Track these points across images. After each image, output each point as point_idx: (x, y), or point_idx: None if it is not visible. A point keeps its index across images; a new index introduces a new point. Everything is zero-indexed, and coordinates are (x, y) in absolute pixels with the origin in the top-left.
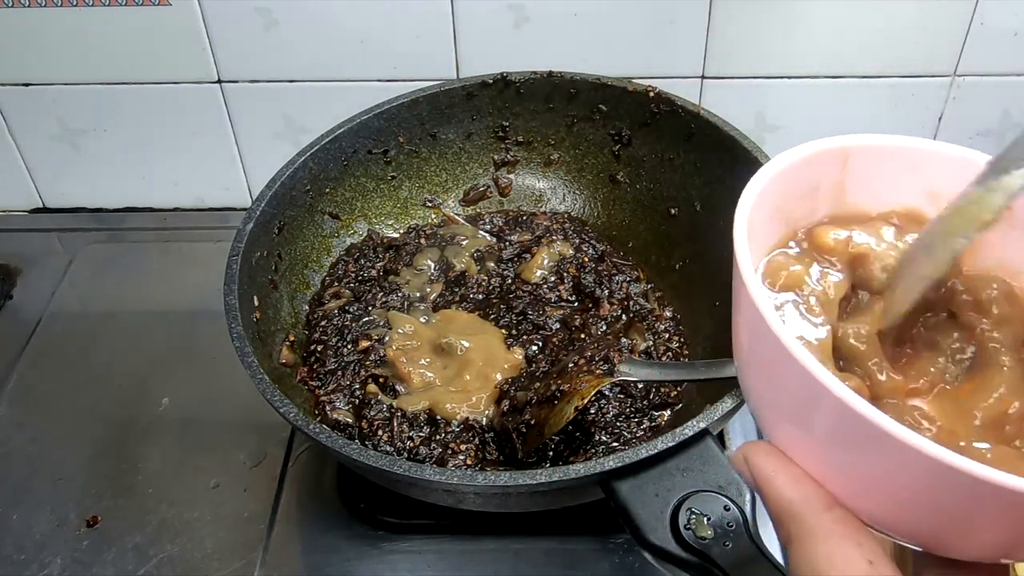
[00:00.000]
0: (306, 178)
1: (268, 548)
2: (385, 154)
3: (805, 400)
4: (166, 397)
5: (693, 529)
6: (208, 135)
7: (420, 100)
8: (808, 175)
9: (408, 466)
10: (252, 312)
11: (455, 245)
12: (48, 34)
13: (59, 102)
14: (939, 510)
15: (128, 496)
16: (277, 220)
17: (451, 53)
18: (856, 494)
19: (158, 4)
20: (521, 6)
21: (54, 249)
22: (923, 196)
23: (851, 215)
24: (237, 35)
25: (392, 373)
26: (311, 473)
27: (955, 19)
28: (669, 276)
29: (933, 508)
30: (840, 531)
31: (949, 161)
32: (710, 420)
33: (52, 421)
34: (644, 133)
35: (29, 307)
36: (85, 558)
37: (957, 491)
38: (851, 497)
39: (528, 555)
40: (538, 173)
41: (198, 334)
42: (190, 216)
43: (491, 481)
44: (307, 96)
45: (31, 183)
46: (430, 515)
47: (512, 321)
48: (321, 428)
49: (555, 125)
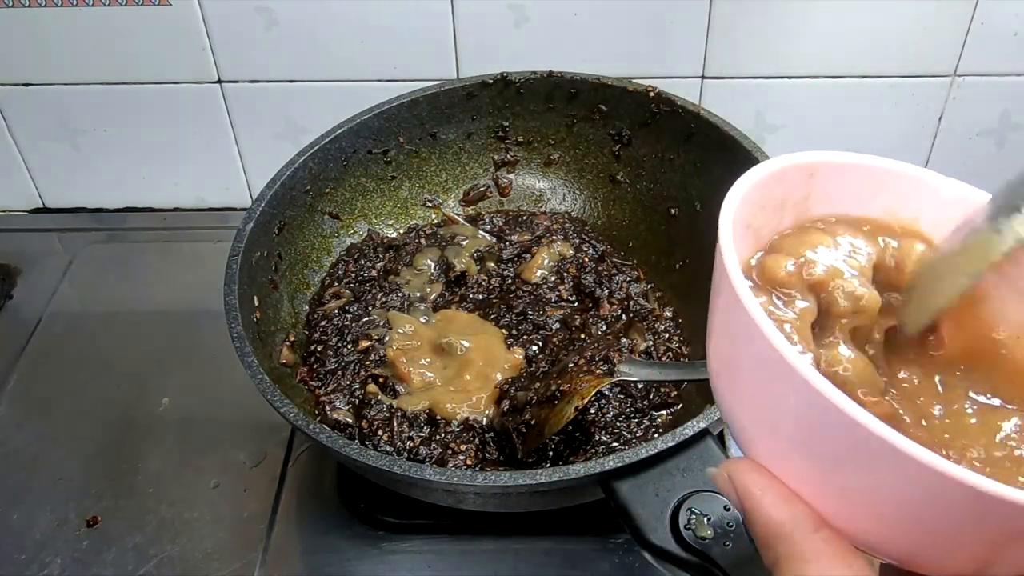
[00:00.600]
0: (306, 178)
1: (268, 548)
2: (385, 154)
3: (806, 417)
4: (166, 397)
5: (693, 529)
6: (208, 135)
7: (420, 100)
8: (776, 190)
9: (408, 466)
10: (252, 312)
11: (455, 245)
12: (48, 34)
13: (59, 102)
14: (938, 527)
15: (128, 496)
16: (277, 220)
17: (451, 53)
18: (849, 514)
19: (158, 4)
20: (521, 6)
21: (54, 249)
22: (884, 214)
23: (807, 230)
24: (237, 35)
25: (392, 373)
26: (311, 473)
27: (955, 19)
28: (669, 276)
29: (932, 525)
30: (830, 552)
31: (911, 181)
32: (710, 420)
33: (52, 421)
34: (644, 133)
35: (29, 307)
36: (85, 558)
37: (968, 508)
38: (842, 516)
39: (528, 555)
40: (538, 173)
41: (198, 334)
42: (190, 216)
43: (491, 481)
44: (307, 96)
45: (31, 183)
46: (430, 515)
47: (512, 321)
48: (321, 428)
49: (555, 125)
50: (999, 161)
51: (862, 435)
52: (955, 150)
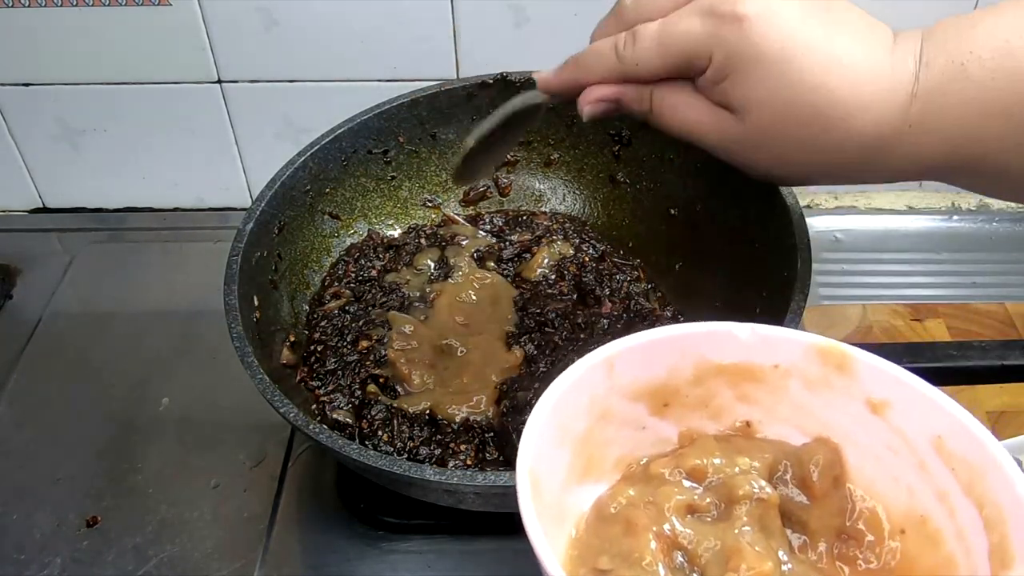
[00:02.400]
0: (306, 178)
1: (268, 548)
2: (385, 154)
3: None
4: (166, 397)
5: None
6: (208, 135)
7: (420, 100)
8: (581, 398)
9: (408, 466)
10: (252, 312)
11: (455, 245)
12: (48, 34)
13: (59, 102)
14: None
15: (128, 496)
16: (277, 220)
17: (451, 53)
18: None
19: (158, 4)
20: (521, 6)
21: (54, 249)
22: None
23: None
24: (237, 35)
25: (392, 373)
26: (311, 473)
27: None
28: (669, 276)
29: None
30: None
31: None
32: None
33: (52, 421)
34: (644, 133)
35: (29, 307)
36: (85, 558)
37: None
38: None
39: (528, 555)
40: (538, 173)
41: (198, 334)
42: (190, 216)
43: (491, 481)
44: (307, 96)
45: (31, 183)
46: (430, 515)
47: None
48: (321, 428)
49: (555, 125)
50: None
51: None
52: None
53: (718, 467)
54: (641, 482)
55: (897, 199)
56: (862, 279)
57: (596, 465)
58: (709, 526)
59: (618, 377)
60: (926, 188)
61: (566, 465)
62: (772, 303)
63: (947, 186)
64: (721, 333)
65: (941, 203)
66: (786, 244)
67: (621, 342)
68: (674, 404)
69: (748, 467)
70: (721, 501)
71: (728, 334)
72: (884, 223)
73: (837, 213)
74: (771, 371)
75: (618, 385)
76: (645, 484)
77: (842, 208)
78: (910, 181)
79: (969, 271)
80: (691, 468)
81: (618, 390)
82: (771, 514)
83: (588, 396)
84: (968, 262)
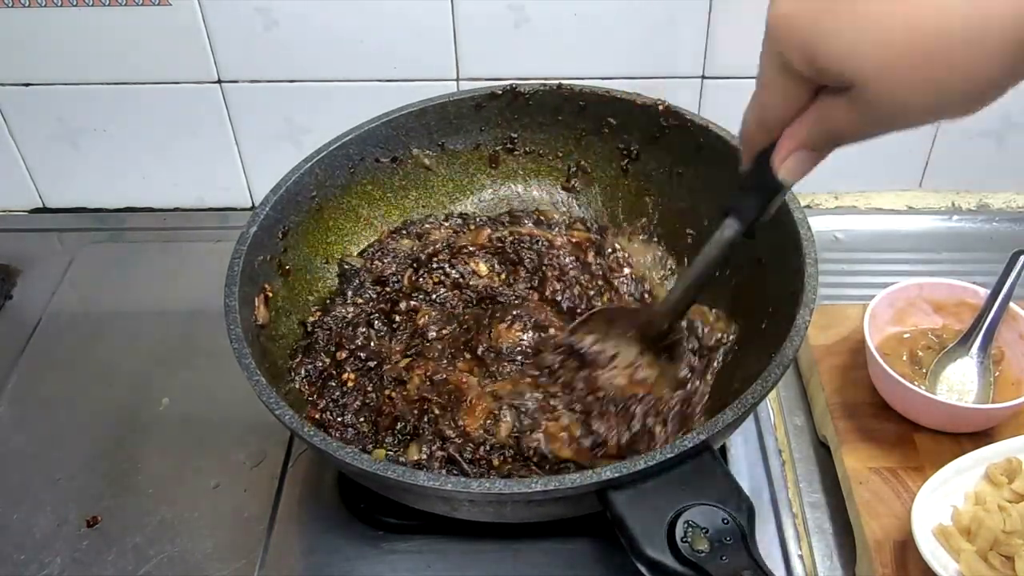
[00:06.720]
0: (312, 184)
1: (268, 548)
2: (392, 163)
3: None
4: (166, 397)
5: (690, 542)
6: (208, 135)
7: (428, 110)
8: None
9: (402, 471)
10: (252, 315)
11: (462, 253)
12: (48, 34)
13: (59, 102)
14: None
15: (128, 496)
16: (281, 225)
17: (451, 53)
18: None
19: (158, 4)
20: (521, 6)
21: (54, 249)
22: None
23: None
24: (237, 35)
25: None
26: (311, 473)
27: None
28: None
29: None
30: None
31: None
32: (710, 432)
33: (52, 421)
34: (653, 148)
35: (29, 307)
36: (85, 558)
37: None
38: None
39: (528, 555)
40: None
41: (198, 334)
42: (190, 216)
43: (485, 489)
44: (307, 96)
45: (31, 183)
46: (430, 515)
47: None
48: (315, 432)
49: (563, 138)
50: (999, 161)
51: None
52: (955, 150)
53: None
54: None
55: (897, 199)
56: (862, 279)
57: None
58: None
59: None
60: (926, 188)
61: None
62: (778, 318)
63: (947, 186)
64: None
65: (941, 203)
66: (792, 266)
67: None
68: None
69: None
70: None
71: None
72: (884, 223)
73: (837, 213)
74: None
75: None
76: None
77: (842, 208)
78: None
79: (969, 271)
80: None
81: None
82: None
83: None
84: (968, 262)
